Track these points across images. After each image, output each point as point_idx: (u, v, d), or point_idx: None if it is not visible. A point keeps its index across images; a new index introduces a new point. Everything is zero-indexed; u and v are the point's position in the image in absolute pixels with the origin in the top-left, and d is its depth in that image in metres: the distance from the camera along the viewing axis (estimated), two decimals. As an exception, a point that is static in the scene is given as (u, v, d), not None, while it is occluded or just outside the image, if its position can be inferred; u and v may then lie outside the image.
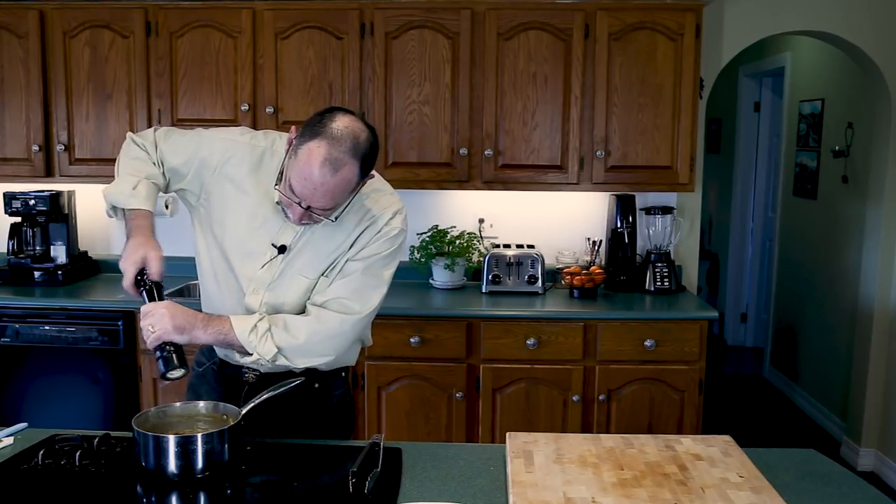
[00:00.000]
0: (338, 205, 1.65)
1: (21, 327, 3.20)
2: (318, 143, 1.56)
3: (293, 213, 1.65)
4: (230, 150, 1.79)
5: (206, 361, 1.94)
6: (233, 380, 1.87)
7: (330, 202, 1.61)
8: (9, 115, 3.42)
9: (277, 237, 1.76)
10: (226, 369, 1.89)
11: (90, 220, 3.77)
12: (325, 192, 1.58)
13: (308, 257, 1.77)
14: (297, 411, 1.86)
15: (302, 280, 1.77)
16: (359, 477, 1.47)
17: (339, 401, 1.95)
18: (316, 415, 1.91)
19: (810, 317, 4.88)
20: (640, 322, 3.11)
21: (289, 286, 1.77)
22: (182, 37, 3.32)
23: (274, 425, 1.81)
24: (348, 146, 1.57)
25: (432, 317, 3.13)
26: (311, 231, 1.76)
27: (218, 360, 1.91)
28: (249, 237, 1.77)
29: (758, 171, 6.11)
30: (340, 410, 1.97)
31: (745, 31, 3.66)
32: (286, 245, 1.76)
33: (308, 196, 1.59)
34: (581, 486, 1.48)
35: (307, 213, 1.63)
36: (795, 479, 1.59)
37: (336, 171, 1.56)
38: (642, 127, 3.31)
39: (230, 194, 1.78)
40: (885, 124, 3.80)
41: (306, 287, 1.78)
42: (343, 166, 1.56)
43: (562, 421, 3.14)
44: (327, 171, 1.55)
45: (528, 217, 3.70)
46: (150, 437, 1.50)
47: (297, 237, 1.76)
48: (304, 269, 1.77)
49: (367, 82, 3.32)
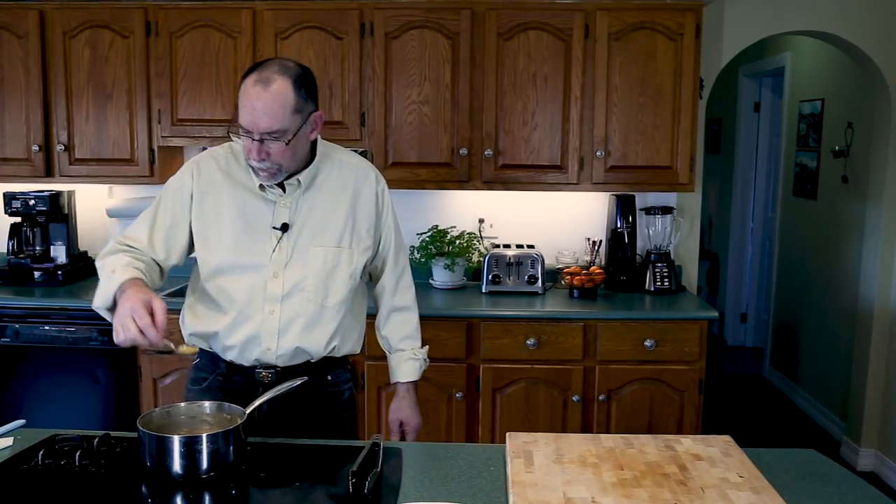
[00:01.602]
0: (285, 128, 1.71)
1: (21, 327, 3.20)
2: (249, 76, 1.72)
3: (252, 152, 1.72)
4: (195, 168, 1.87)
5: (208, 375, 1.92)
6: (244, 384, 1.86)
7: (272, 121, 1.69)
8: (9, 115, 3.42)
9: (275, 220, 1.83)
10: (235, 375, 1.88)
11: (90, 220, 3.77)
12: (263, 109, 1.68)
13: (314, 227, 1.84)
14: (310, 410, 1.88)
15: (317, 251, 1.84)
16: (359, 477, 1.47)
17: (349, 395, 2.00)
18: (329, 412, 1.93)
19: (810, 317, 4.88)
20: (640, 322, 3.11)
21: (306, 260, 1.83)
22: (182, 37, 3.32)
23: (287, 425, 1.83)
24: (275, 68, 1.72)
25: (432, 317, 3.12)
26: (306, 203, 1.84)
27: (224, 368, 1.89)
28: (251, 227, 1.82)
29: (758, 171, 6.11)
30: (350, 406, 2.01)
31: (745, 31, 3.66)
32: (286, 223, 1.82)
33: (253, 122, 1.69)
34: (581, 486, 1.48)
35: (261, 146, 1.71)
36: (795, 479, 1.59)
37: (267, 86, 1.68)
38: (642, 127, 3.31)
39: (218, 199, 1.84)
40: (885, 124, 3.80)
41: (324, 257, 1.84)
42: (273, 82, 1.69)
43: (562, 421, 3.14)
44: (260, 88, 1.68)
45: (528, 217, 3.70)
46: (155, 437, 1.50)
47: (293, 212, 1.83)
48: (315, 240, 1.84)
49: (367, 82, 3.32)
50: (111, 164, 3.43)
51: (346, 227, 1.87)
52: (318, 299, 1.84)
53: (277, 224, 1.82)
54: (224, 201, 1.84)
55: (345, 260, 1.86)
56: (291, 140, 1.73)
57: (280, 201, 1.83)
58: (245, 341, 1.83)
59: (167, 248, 1.85)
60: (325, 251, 1.84)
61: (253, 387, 1.85)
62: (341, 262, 1.86)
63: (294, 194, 1.84)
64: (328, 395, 1.93)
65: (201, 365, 1.94)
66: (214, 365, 1.90)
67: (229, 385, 1.88)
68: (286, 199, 1.83)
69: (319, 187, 1.86)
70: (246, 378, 1.87)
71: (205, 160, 1.88)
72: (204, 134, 3.36)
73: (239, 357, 1.86)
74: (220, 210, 1.84)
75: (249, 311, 1.82)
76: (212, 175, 1.86)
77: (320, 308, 1.85)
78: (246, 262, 1.82)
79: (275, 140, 1.71)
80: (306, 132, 1.78)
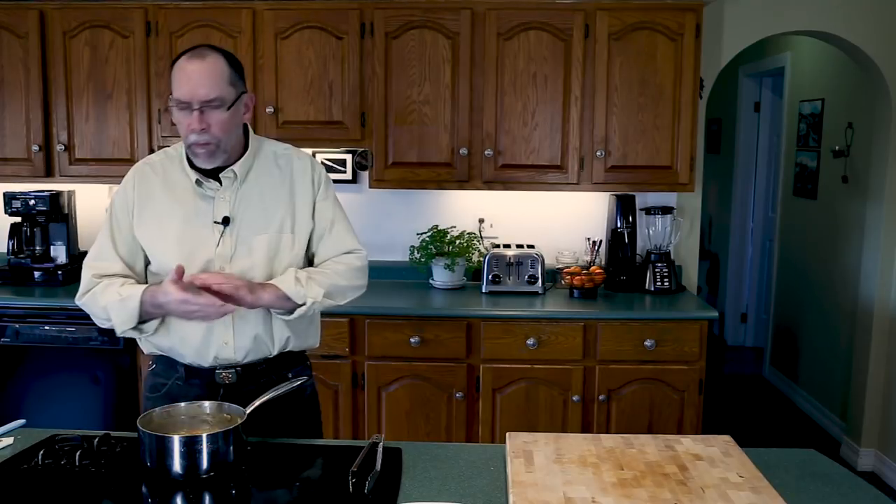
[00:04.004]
0: (222, 96, 1.74)
1: (21, 327, 3.20)
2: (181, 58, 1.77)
3: (192, 124, 1.74)
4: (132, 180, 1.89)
5: (166, 381, 1.90)
6: (203, 387, 1.85)
7: (210, 88, 1.72)
8: (9, 115, 3.42)
9: (216, 214, 1.84)
10: (193, 378, 1.86)
11: (90, 220, 3.77)
12: (200, 77, 1.72)
13: (254, 217, 1.86)
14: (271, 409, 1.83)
15: (261, 239, 1.85)
16: (359, 477, 1.48)
17: (310, 393, 2.00)
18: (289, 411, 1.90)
19: (810, 317, 4.88)
20: (640, 322, 3.11)
21: (251, 250, 1.84)
22: (182, 37, 3.32)
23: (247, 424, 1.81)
24: (205, 47, 1.79)
25: (432, 317, 3.13)
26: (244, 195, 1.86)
27: (182, 371, 1.87)
28: (193, 225, 1.84)
29: (758, 171, 6.11)
30: (311, 404, 2.01)
31: (745, 31, 3.66)
32: (227, 216, 1.84)
33: (191, 92, 1.72)
34: (581, 486, 1.48)
35: (202, 115, 1.73)
36: (795, 479, 1.59)
37: (203, 59, 1.74)
38: (642, 127, 3.31)
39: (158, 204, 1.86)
40: (885, 124, 3.80)
41: (268, 244, 1.85)
42: (207, 56, 1.75)
43: (562, 421, 3.14)
44: (195, 59, 1.74)
45: (528, 217, 3.70)
46: (155, 437, 1.50)
47: (233, 205, 1.84)
48: (257, 229, 1.85)
49: (367, 82, 3.32)
50: (111, 164, 3.43)
51: (286, 215, 1.88)
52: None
53: (218, 218, 1.83)
54: (164, 205, 1.85)
55: (286, 246, 1.87)
56: (231, 109, 1.76)
57: (218, 196, 1.84)
58: (200, 339, 1.82)
59: (137, 260, 1.89)
60: (269, 238, 1.85)
61: (214, 390, 1.84)
62: (282, 248, 1.87)
63: (232, 187, 1.85)
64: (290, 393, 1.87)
65: (158, 371, 1.92)
66: (172, 370, 1.89)
67: (188, 390, 1.86)
68: (224, 193, 1.84)
69: (256, 178, 1.88)
70: (205, 380, 1.85)
71: (140, 170, 1.90)
72: (204, 134, 3.35)
73: (197, 357, 1.84)
74: (161, 214, 1.85)
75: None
76: (149, 182, 1.87)
77: None
78: (192, 259, 1.81)
79: (214, 108, 1.73)
80: (240, 110, 1.81)
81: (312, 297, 1.82)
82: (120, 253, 1.87)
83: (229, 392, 1.81)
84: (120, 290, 1.79)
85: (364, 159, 3.61)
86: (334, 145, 3.51)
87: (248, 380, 1.81)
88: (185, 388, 1.87)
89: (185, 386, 1.87)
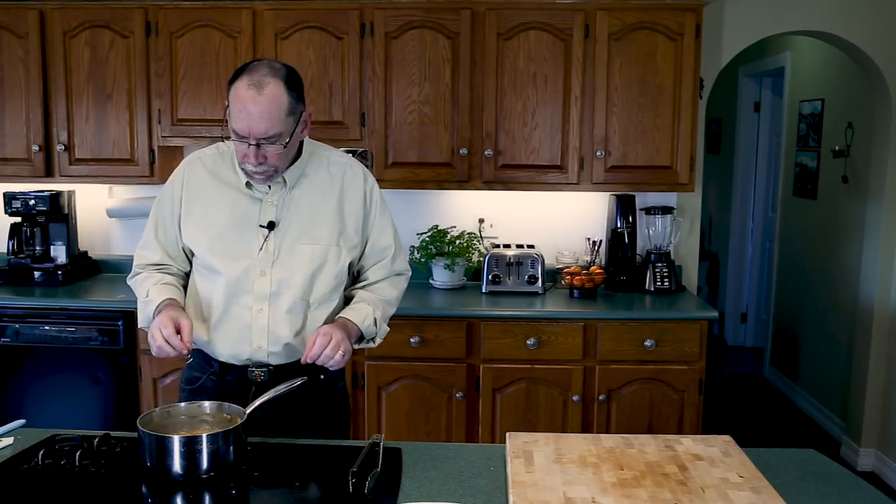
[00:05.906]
0: (281, 132, 1.72)
1: (21, 327, 3.20)
2: (240, 80, 1.71)
3: (249, 157, 1.73)
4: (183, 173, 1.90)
5: (201, 375, 1.92)
6: (236, 384, 1.87)
7: (269, 125, 1.69)
8: (9, 115, 3.42)
9: (262, 218, 1.84)
10: (227, 374, 1.88)
11: (90, 220, 3.77)
12: (259, 114, 1.68)
13: (300, 225, 1.85)
14: (303, 408, 1.87)
15: (304, 248, 1.84)
16: (359, 477, 1.48)
17: (342, 394, 2.00)
18: (321, 410, 1.92)
19: (810, 317, 4.88)
20: (640, 322, 3.11)
21: (293, 258, 1.84)
22: (182, 37, 3.32)
23: (279, 423, 1.83)
24: (265, 70, 1.71)
25: (432, 317, 3.13)
26: (292, 201, 1.85)
27: (217, 367, 1.89)
28: (238, 226, 1.84)
29: (758, 171, 6.11)
30: (343, 405, 2.01)
31: (745, 31, 3.66)
32: (273, 221, 1.83)
33: (250, 128, 1.69)
34: (581, 486, 1.48)
35: (258, 150, 1.71)
36: (795, 479, 1.59)
37: (261, 90, 1.68)
38: (642, 127, 3.31)
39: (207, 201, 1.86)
40: (885, 124, 3.80)
41: (310, 255, 1.84)
42: (266, 85, 1.68)
43: (562, 421, 3.14)
44: (253, 92, 1.68)
45: (528, 217, 3.70)
46: (155, 437, 1.50)
47: (280, 210, 1.84)
48: (302, 238, 1.85)
49: (367, 82, 3.32)
50: (111, 164, 3.43)
51: (333, 225, 1.87)
52: (306, 297, 1.85)
53: (264, 222, 1.83)
54: (212, 202, 1.86)
55: (332, 258, 1.86)
56: (288, 142, 1.74)
57: (266, 199, 1.84)
58: (235, 340, 1.84)
59: (181, 252, 1.92)
60: (313, 249, 1.84)
61: (246, 386, 1.85)
62: (328, 260, 1.86)
63: (280, 192, 1.85)
64: (321, 395, 1.92)
65: (194, 364, 1.94)
66: (207, 364, 1.90)
67: (223, 384, 1.88)
68: (272, 197, 1.84)
69: (306, 185, 1.87)
70: (238, 377, 1.87)
71: (192, 164, 1.91)
72: (204, 134, 3.36)
73: (230, 356, 1.86)
74: (209, 211, 1.85)
75: (237, 310, 1.83)
76: (199, 178, 1.88)
77: (307, 306, 1.86)
78: (233, 260, 1.82)
79: (271, 144, 1.72)
80: (298, 132, 1.79)
81: (381, 336, 1.93)
82: (161, 242, 1.91)
83: (261, 390, 1.80)
84: (151, 288, 1.84)
85: (364, 159, 3.61)
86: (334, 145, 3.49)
87: (280, 379, 1.80)
88: (218, 383, 1.89)
89: (218, 381, 1.89)
